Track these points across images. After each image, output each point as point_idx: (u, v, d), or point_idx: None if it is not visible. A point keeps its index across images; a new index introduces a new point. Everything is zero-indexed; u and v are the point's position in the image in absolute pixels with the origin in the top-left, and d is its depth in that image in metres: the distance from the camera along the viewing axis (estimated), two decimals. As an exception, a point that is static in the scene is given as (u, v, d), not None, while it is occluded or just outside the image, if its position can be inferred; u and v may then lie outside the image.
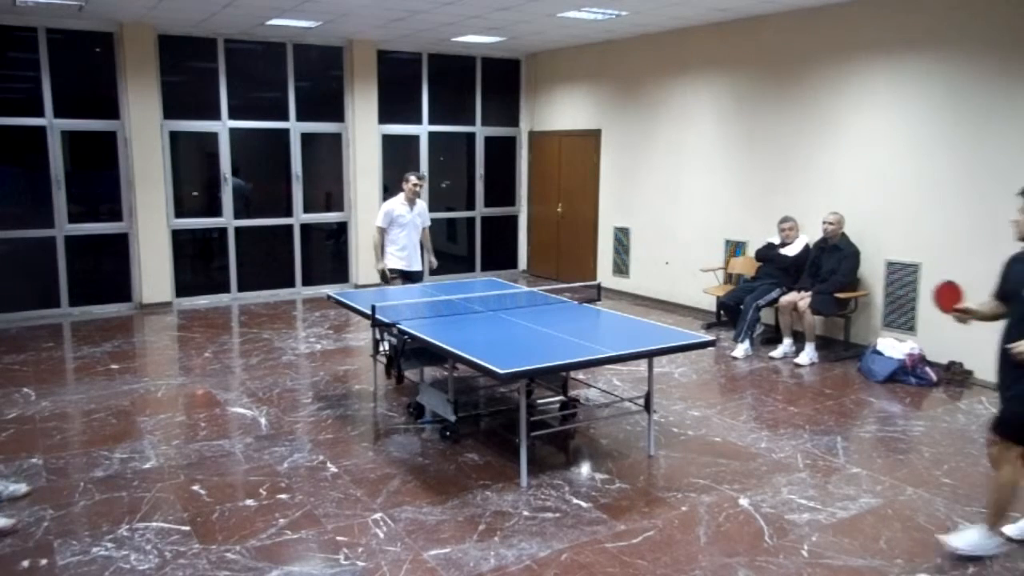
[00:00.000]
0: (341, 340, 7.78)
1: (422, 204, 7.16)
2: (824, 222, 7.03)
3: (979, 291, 6.27)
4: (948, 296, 4.10)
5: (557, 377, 5.48)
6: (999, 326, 5.88)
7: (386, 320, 5.16)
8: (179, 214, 9.28)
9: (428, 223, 7.26)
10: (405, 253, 7.02)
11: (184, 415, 5.60)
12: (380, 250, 7.07)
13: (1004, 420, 3.61)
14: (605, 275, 10.16)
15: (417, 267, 7.14)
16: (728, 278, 8.40)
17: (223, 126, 9.38)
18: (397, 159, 10.40)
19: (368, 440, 5.15)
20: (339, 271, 10.51)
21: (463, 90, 11.07)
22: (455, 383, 5.10)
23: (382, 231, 7.02)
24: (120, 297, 9.11)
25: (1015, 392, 3.54)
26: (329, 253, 10.63)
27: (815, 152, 7.55)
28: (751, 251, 8.08)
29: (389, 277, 7.06)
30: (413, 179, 6.96)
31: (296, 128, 9.85)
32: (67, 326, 8.38)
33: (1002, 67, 6.08)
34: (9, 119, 8.37)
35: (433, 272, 7.41)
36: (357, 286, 9.94)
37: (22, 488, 4.25)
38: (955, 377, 6.38)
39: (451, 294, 6.17)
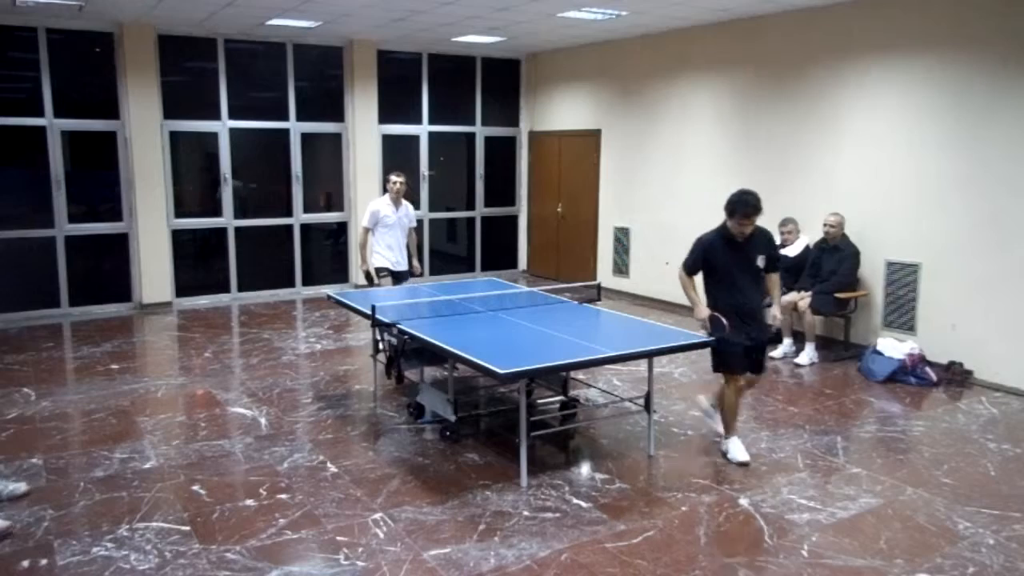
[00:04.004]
0: (341, 340, 7.78)
1: (409, 205, 7.15)
2: (825, 224, 7.03)
3: (981, 290, 6.30)
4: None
5: (557, 377, 5.48)
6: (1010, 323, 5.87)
7: (386, 320, 5.17)
8: (179, 214, 9.29)
9: (414, 224, 7.21)
10: (392, 252, 7.00)
11: (184, 415, 5.60)
12: (365, 251, 7.07)
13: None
14: (605, 275, 10.16)
15: (404, 267, 7.12)
16: (728, 278, 8.38)
17: (223, 126, 9.38)
18: (397, 159, 10.39)
19: (368, 440, 5.15)
20: (339, 271, 10.51)
21: (463, 90, 11.07)
22: (455, 383, 5.10)
23: (367, 231, 7.02)
24: (120, 297, 9.11)
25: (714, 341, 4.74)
26: (329, 253, 10.64)
27: (815, 152, 7.55)
28: (751, 251, 8.07)
29: (378, 276, 7.04)
30: (393, 178, 6.98)
31: (296, 128, 9.85)
32: (67, 326, 8.38)
33: (1002, 67, 6.09)
34: (9, 119, 8.37)
35: (417, 276, 7.28)
36: (357, 286, 9.93)
37: (21, 487, 4.25)
38: (955, 377, 6.38)
39: (451, 294, 6.17)
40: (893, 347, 6.50)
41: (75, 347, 7.52)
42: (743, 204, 4.58)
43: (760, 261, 4.71)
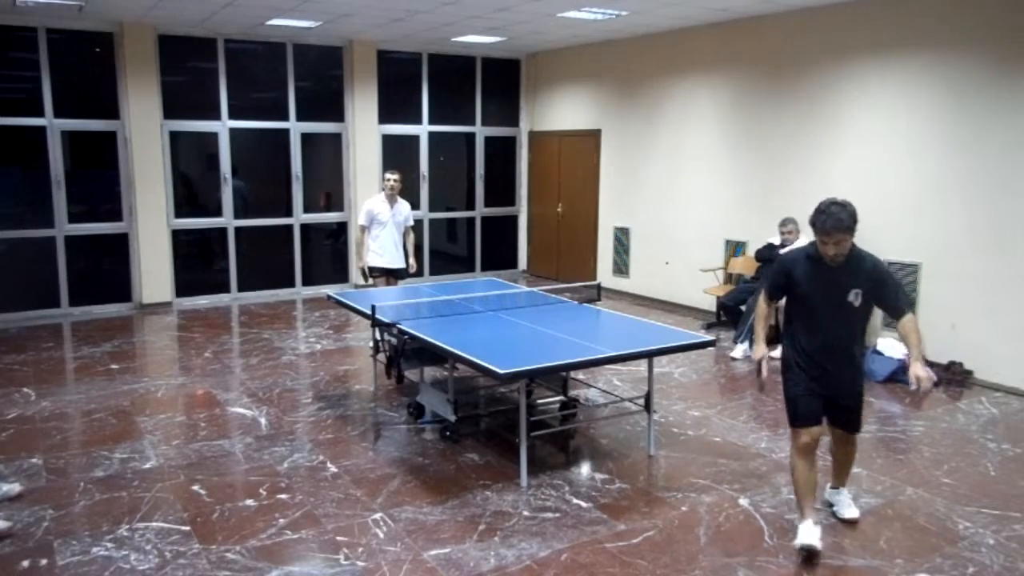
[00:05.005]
0: (341, 340, 7.78)
1: (405, 204, 7.21)
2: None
3: (981, 290, 6.30)
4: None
5: (557, 377, 5.48)
6: (1010, 323, 5.80)
7: (386, 320, 5.17)
8: (179, 214, 9.29)
9: (411, 223, 7.29)
10: (385, 251, 7.07)
11: (184, 415, 5.60)
12: (362, 248, 7.15)
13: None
14: (605, 275, 10.16)
15: (399, 264, 7.18)
16: (728, 278, 8.40)
17: (223, 126, 9.38)
18: (397, 159, 10.39)
19: (368, 440, 5.15)
20: (339, 271, 10.51)
21: (463, 90, 11.07)
22: (455, 383, 5.10)
23: (363, 229, 7.12)
24: (120, 297, 9.11)
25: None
26: (329, 253, 10.64)
27: (815, 152, 7.55)
28: (751, 251, 8.08)
29: (371, 276, 7.13)
30: (387, 176, 7.10)
31: (296, 128, 9.85)
32: (67, 326, 8.38)
33: (1002, 67, 6.09)
34: (9, 119, 8.37)
35: (412, 275, 7.36)
36: (357, 286, 9.93)
37: (16, 488, 4.24)
38: (955, 377, 6.38)
39: (451, 294, 6.17)
40: (893, 347, 6.50)
41: (75, 347, 7.52)
42: (822, 216, 3.60)
43: (854, 296, 3.63)
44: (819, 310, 3.72)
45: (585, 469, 4.73)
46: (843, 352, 3.73)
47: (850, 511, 4.06)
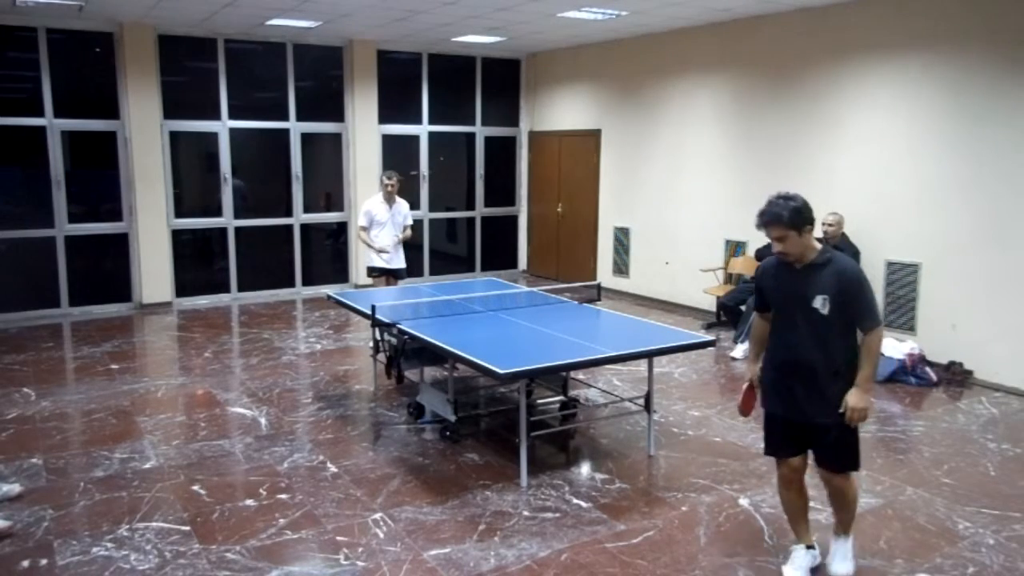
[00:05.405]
0: (341, 340, 7.78)
1: (403, 203, 7.26)
2: (824, 223, 7.02)
3: (981, 290, 6.30)
4: (748, 402, 3.72)
5: (557, 377, 5.48)
6: (1010, 323, 5.77)
7: (386, 320, 5.17)
8: (179, 214, 9.29)
9: (410, 222, 7.32)
10: (385, 252, 7.10)
11: (184, 415, 5.60)
12: (369, 241, 7.16)
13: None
14: (605, 275, 10.16)
15: (399, 264, 7.22)
16: (728, 278, 8.40)
17: (223, 126, 9.38)
18: (397, 159, 10.39)
19: (368, 440, 5.15)
20: (339, 271, 10.51)
21: (463, 90, 11.07)
22: (455, 383, 5.10)
23: (364, 230, 7.17)
24: (120, 297, 9.11)
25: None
26: (329, 253, 10.64)
27: (815, 152, 7.55)
28: (751, 251, 8.07)
29: (370, 276, 7.22)
30: (385, 180, 7.14)
31: (296, 128, 9.85)
32: (67, 326, 8.38)
33: (1002, 67, 6.09)
34: (9, 119, 8.37)
35: (404, 239, 7.25)
36: (357, 286, 9.94)
37: (15, 489, 4.24)
38: (955, 377, 6.38)
39: (451, 294, 6.17)
40: (893, 347, 6.49)
41: (75, 347, 7.52)
42: (762, 209, 3.35)
43: (821, 303, 3.21)
44: (785, 318, 3.37)
45: (585, 469, 4.73)
46: (812, 369, 3.27)
47: (842, 567, 3.45)
